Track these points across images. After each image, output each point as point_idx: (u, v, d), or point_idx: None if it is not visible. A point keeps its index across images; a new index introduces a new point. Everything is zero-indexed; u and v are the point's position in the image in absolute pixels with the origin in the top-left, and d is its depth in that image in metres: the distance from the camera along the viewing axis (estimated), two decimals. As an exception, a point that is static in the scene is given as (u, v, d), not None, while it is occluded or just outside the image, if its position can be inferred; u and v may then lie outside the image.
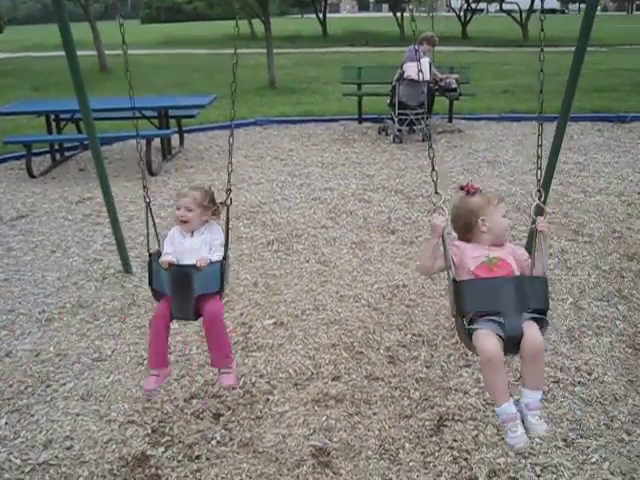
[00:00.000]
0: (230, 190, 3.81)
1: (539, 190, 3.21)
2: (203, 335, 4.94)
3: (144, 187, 3.93)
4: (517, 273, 3.11)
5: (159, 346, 3.78)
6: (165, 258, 3.69)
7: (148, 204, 3.90)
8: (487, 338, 2.89)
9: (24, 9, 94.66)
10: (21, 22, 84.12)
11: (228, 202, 3.82)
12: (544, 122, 3.52)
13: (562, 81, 5.13)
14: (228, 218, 3.83)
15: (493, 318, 2.96)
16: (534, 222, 3.20)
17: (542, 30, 3.52)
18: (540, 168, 3.34)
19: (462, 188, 3.26)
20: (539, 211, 3.23)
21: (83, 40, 26.40)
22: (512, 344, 2.93)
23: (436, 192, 3.10)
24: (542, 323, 3.01)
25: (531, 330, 2.91)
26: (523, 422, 2.96)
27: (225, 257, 3.78)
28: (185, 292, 3.65)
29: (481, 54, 27.09)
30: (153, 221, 3.89)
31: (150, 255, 3.82)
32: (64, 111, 10.23)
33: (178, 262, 3.71)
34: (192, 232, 3.79)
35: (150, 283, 3.82)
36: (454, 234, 3.33)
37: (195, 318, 3.81)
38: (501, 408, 2.95)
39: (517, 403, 3.02)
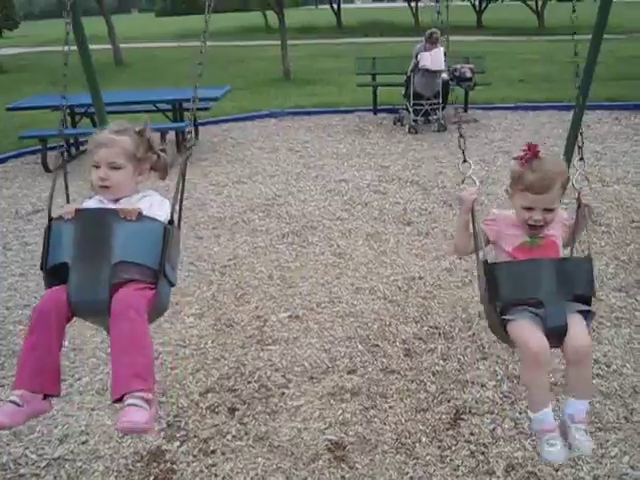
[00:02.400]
0: (193, 127, 2.98)
1: (582, 158, 2.84)
2: (218, 328, 4.95)
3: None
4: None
5: (43, 357, 2.44)
6: (69, 206, 2.61)
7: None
8: (531, 331, 2.47)
9: (39, 4, 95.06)
10: (37, 17, 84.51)
11: (190, 143, 2.84)
12: (560, 111, 3.46)
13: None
14: (185, 165, 2.78)
15: (531, 309, 2.55)
16: (579, 195, 2.73)
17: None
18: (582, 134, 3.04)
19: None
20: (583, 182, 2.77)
21: (98, 34, 26.49)
22: (553, 338, 2.48)
23: (464, 161, 2.77)
24: (588, 315, 2.59)
25: (576, 326, 2.49)
26: (564, 436, 2.50)
27: (172, 221, 2.66)
28: (97, 256, 2.46)
29: (496, 43, 26.85)
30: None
31: (50, 220, 2.66)
32: (79, 105, 10.23)
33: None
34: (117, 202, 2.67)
35: (43, 265, 2.61)
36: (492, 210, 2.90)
37: (107, 306, 2.46)
38: (539, 415, 2.48)
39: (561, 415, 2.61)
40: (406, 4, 41.69)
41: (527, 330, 2.48)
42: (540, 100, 13.07)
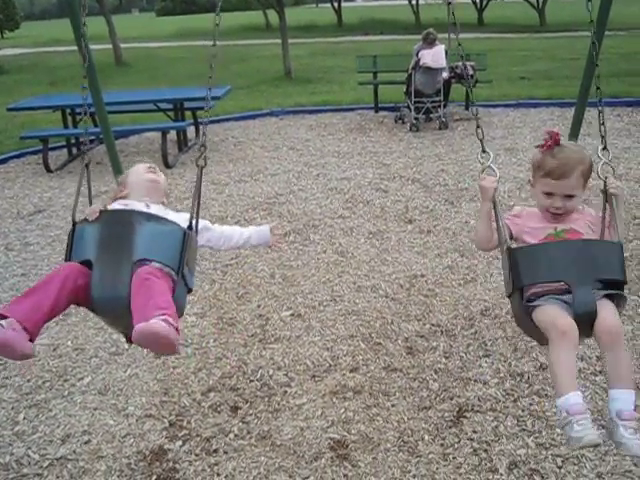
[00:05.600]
0: (204, 147, 3.03)
1: (605, 147, 2.73)
2: (220, 327, 4.95)
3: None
4: None
5: (43, 302, 2.47)
6: (93, 207, 2.71)
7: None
8: (559, 313, 2.36)
9: (40, 4, 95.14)
10: (37, 17, 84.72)
11: (201, 162, 2.99)
12: (562, 108, 3.45)
13: (580, 66, 5.04)
14: (200, 180, 3.01)
15: (558, 297, 2.44)
16: (605, 184, 2.68)
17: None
18: (603, 124, 2.87)
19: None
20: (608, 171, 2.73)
21: (99, 34, 26.50)
22: (583, 325, 2.35)
23: (484, 151, 2.75)
24: (619, 300, 2.48)
25: (605, 310, 2.37)
26: (611, 435, 2.30)
27: (191, 227, 2.78)
28: (119, 253, 2.56)
29: (497, 40, 26.81)
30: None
31: (74, 224, 2.74)
32: (79, 105, 10.19)
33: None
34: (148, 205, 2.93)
35: (68, 259, 2.70)
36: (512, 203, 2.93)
37: (127, 304, 2.46)
38: (566, 397, 2.24)
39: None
40: (407, 1, 41.66)
41: (554, 312, 2.39)
42: (542, 97, 13.06)
